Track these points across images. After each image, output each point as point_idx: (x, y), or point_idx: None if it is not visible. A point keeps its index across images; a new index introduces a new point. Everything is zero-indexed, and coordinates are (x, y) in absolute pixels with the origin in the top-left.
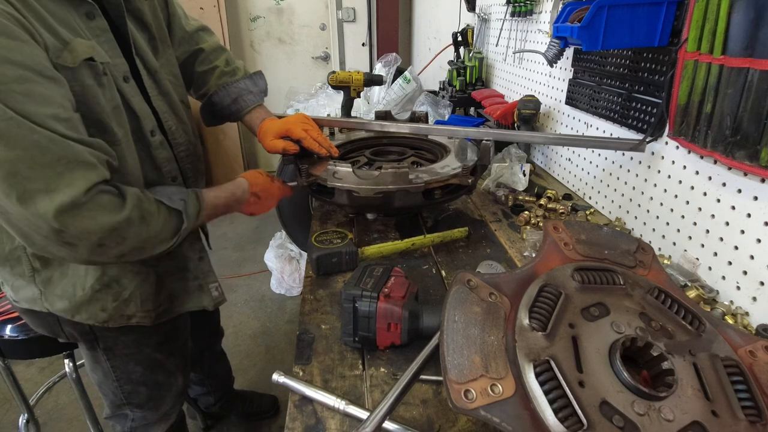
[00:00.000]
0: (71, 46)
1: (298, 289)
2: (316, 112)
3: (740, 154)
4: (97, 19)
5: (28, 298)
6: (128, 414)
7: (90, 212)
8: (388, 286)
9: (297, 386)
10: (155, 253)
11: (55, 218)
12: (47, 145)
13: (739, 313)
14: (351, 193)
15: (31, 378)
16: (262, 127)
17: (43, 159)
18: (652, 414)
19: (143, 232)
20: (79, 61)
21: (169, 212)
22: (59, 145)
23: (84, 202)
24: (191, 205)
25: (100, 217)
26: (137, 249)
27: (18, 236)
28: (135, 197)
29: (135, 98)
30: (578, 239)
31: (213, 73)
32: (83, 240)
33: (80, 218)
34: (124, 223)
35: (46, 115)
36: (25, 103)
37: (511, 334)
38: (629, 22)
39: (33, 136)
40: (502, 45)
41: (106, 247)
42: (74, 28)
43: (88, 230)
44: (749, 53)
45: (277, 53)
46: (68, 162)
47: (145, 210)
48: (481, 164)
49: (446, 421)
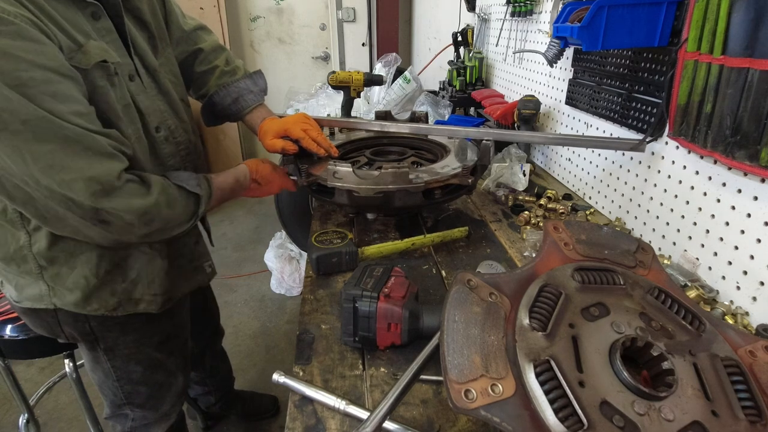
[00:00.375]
0: (85, 48)
1: (298, 289)
2: (316, 112)
3: (740, 154)
4: (102, 19)
5: (34, 295)
6: (128, 414)
7: (123, 196)
8: (388, 286)
9: (297, 386)
10: (174, 233)
11: (92, 200)
12: (76, 138)
13: (739, 313)
14: (351, 193)
15: (31, 378)
16: (263, 126)
17: (74, 150)
18: (652, 414)
19: (168, 214)
20: (92, 64)
21: (188, 196)
22: (85, 138)
23: (117, 187)
24: (205, 189)
25: (132, 200)
26: (160, 230)
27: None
28: (160, 183)
29: (140, 96)
30: (578, 239)
31: (213, 73)
32: (116, 220)
33: (115, 200)
34: (154, 206)
35: (70, 112)
36: (52, 102)
37: (511, 334)
38: (629, 22)
39: (63, 132)
40: (502, 45)
41: (135, 227)
42: (84, 30)
43: (121, 210)
44: (749, 53)
45: (277, 53)
46: (95, 153)
47: (170, 195)
48: (481, 164)
49: (446, 421)
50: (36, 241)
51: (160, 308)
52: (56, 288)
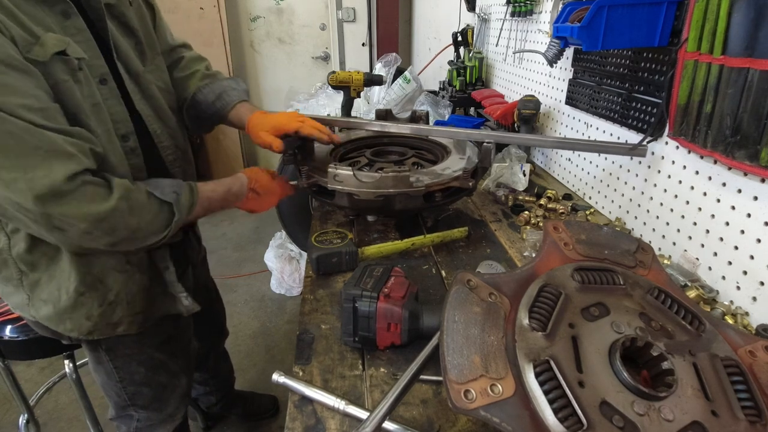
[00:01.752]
0: (42, 40)
1: (298, 289)
2: (316, 112)
3: (740, 154)
4: (72, 18)
5: (18, 304)
6: (133, 415)
7: (74, 201)
8: (388, 286)
9: (297, 386)
10: (147, 243)
11: (37, 204)
12: (20, 134)
13: (739, 313)
14: (351, 196)
15: (31, 378)
16: (252, 118)
17: (19, 149)
18: (652, 414)
19: (133, 222)
20: (50, 55)
21: (161, 204)
22: (33, 134)
23: (67, 190)
24: (184, 198)
25: (84, 206)
26: (128, 239)
27: (12, 222)
28: (122, 188)
29: (109, 101)
30: (578, 239)
31: (194, 75)
32: (71, 226)
33: (64, 206)
34: (110, 213)
35: (17, 105)
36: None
37: (511, 334)
38: (629, 22)
39: (4, 126)
40: (502, 45)
41: (94, 235)
42: (47, 25)
43: (72, 217)
44: (749, 53)
45: (277, 53)
46: (45, 151)
47: (133, 200)
48: (482, 166)
49: (446, 421)
50: (15, 244)
51: (140, 328)
52: (33, 298)
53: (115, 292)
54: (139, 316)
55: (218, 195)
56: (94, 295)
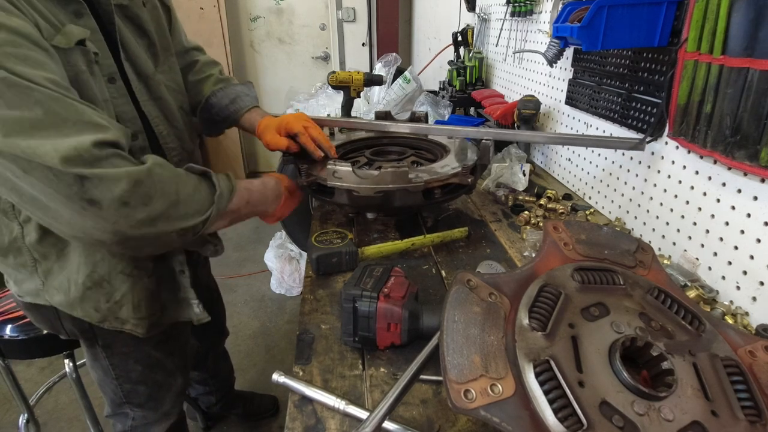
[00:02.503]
0: (65, 29)
1: (298, 289)
2: (316, 112)
3: (740, 154)
4: (85, 17)
5: (32, 290)
6: (128, 413)
7: (105, 164)
8: (388, 286)
9: (297, 386)
10: (187, 225)
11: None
12: (49, 104)
13: (739, 313)
14: (351, 193)
15: (31, 378)
16: (262, 122)
17: (47, 119)
18: (652, 414)
19: (171, 189)
20: (73, 42)
21: (199, 178)
22: (62, 104)
23: (96, 156)
24: (221, 179)
25: (117, 168)
26: (166, 216)
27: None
28: (155, 158)
29: (117, 100)
30: (578, 239)
31: (208, 80)
32: (108, 192)
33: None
34: (147, 174)
35: (44, 77)
36: (18, 64)
37: (511, 334)
38: (629, 22)
39: (33, 95)
40: (502, 45)
41: (131, 206)
42: (62, 21)
43: (108, 178)
44: (749, 53)
45: (277, 53)
46: (74, 123)
47: (169, 168)
48: (481, 163)
49: (446, 421)
50: (28, 233)
51: (146, 332)
52: (47, 284)
53: (121, 293)
54: (144, 320)
55: (255, 187)
56: (101, 291)
